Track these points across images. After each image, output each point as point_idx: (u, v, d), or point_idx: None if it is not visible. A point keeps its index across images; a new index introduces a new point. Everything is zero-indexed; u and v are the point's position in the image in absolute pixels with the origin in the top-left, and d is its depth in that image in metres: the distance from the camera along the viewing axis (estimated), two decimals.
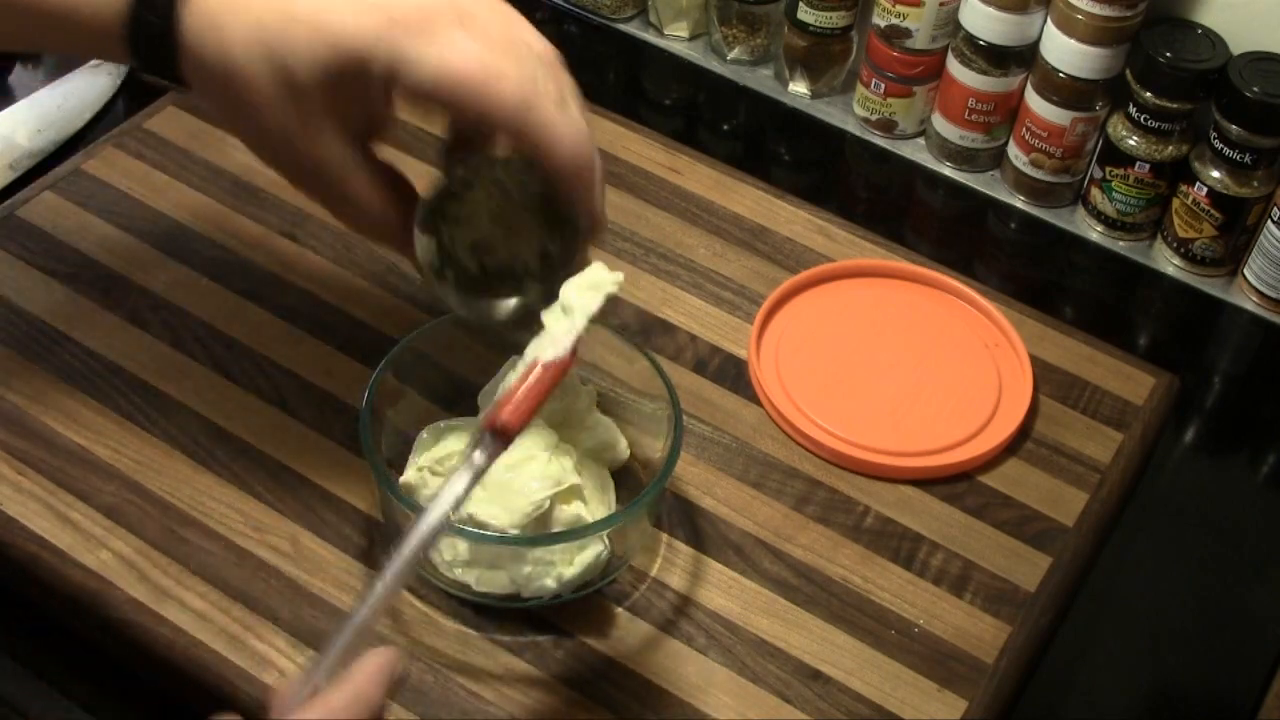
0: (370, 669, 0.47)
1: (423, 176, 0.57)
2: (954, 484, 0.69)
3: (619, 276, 0.55)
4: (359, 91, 0.52)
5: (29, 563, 0.62)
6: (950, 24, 0.86)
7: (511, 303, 0.59)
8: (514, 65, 0.51)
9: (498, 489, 0.59)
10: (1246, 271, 0.83)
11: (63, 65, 0.88)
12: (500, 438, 0.52)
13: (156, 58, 0.55)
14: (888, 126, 0.91)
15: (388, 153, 0.57)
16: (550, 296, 0.55)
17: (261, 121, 0.53)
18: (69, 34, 0.56)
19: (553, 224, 0.57)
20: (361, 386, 0.62)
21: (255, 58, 0.52)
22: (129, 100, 0.88)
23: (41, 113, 0.84)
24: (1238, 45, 0.79)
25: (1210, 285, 0.84)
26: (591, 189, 0.54)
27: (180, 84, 0.56)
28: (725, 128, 0.93)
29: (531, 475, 0.60)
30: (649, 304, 0.76)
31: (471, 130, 0.56)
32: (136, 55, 0.55)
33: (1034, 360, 0.74)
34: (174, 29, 0.53)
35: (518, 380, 0.53)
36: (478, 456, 0.52)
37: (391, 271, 0.75)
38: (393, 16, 0.51)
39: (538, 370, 0.53)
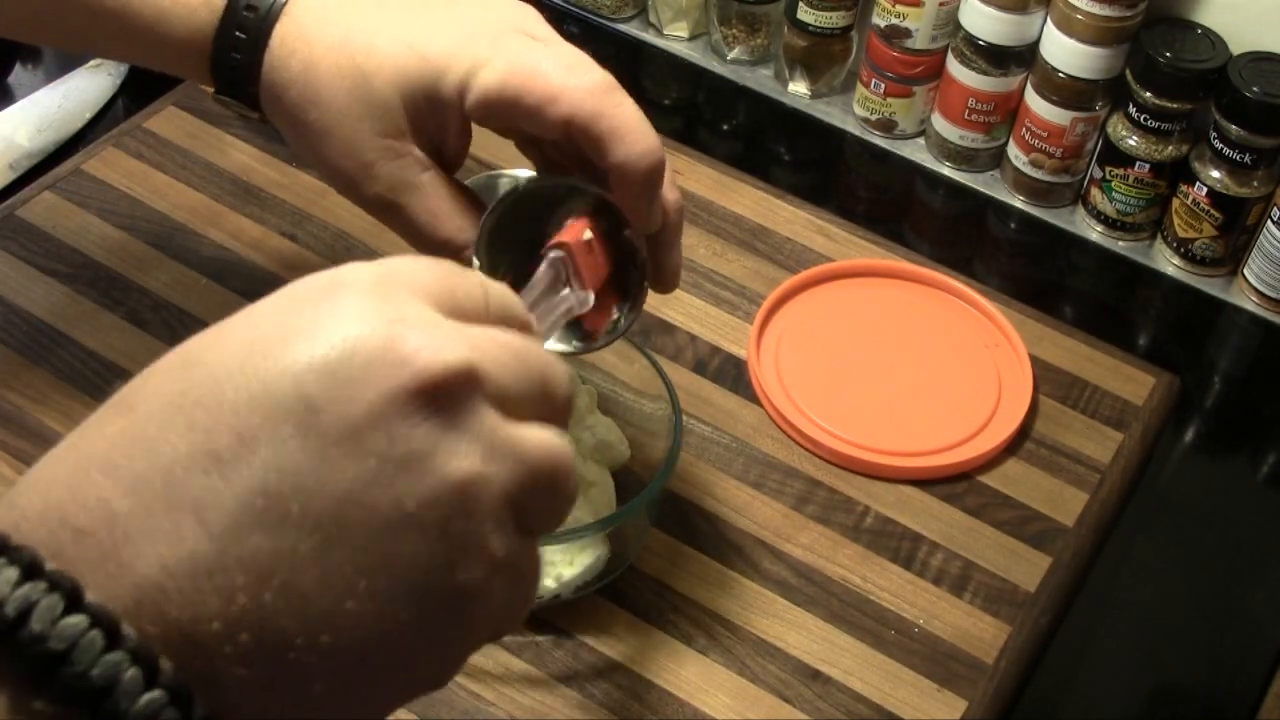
0: None
1: None
2: (954, 484, 0.69)
3: None
4: (436, 103, 0.53)
5: None
6: (950, 24, 0.86)
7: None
8: (587, 67, 0.52)
9: None
10: (1246, 271, 0.83)
11: (63, 65, 0.88)
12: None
13: (236, 75, 0.55)
14: (888, 126, 0.91)
15: None
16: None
17: (339, 138, 0.54)
18: (152, 44, 0.57)
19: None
20: None
21: (338, 68, 0.53)
22: (129, 100, 0.87)
23: (41, 113, 0.84)
24: (1238, 45, 0.79)
25: (1210, 285, 0.84)
26: (657, 192, 0.54)
27: (251, 106, 0.56)
28: (725, 128, 0.93)
29: None
30: (649, 304, 0.75)
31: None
32: (217, 69, 0.56)
33: (1034, 360, 0.74)
34: (262, 45, 0.54)
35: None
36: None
37: None
38: (470, 30, 0.53)
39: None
